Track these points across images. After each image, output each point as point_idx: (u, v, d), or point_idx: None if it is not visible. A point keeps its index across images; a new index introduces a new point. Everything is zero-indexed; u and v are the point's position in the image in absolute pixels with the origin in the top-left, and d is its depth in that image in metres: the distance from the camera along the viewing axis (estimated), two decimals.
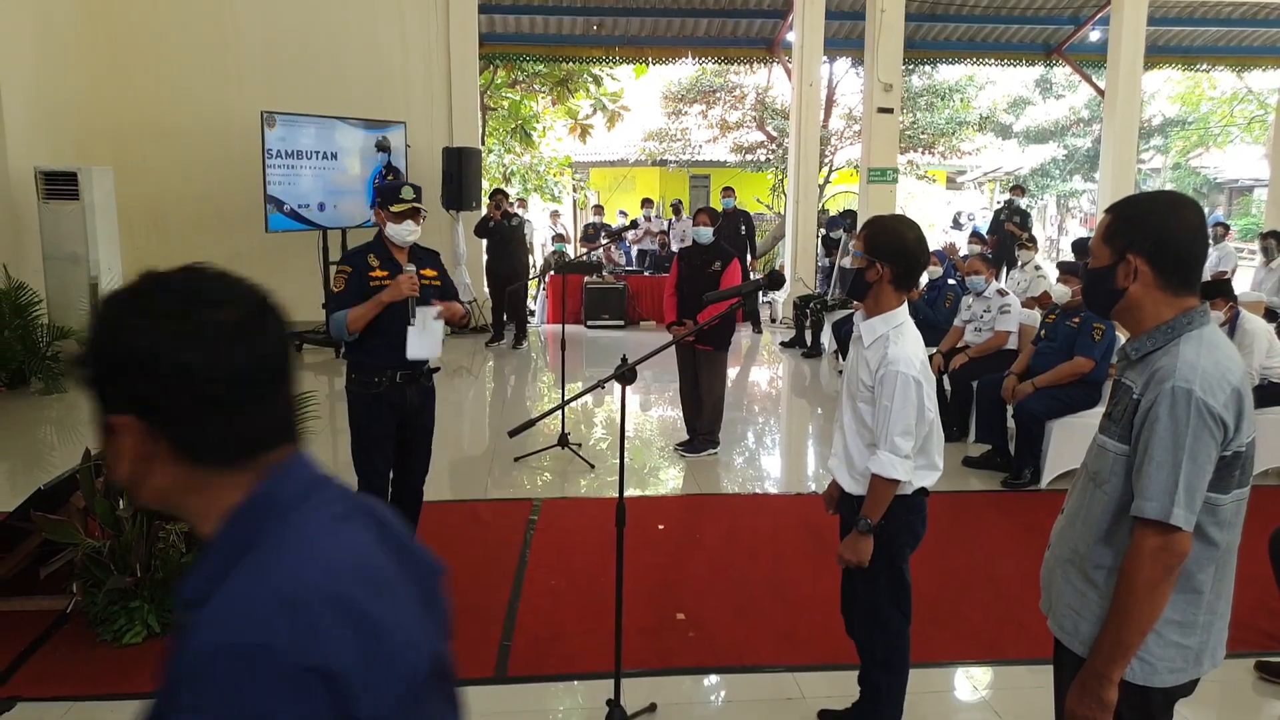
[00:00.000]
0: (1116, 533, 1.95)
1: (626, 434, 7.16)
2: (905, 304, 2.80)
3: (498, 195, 10.72)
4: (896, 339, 2.71)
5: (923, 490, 2.83)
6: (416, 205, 3.95)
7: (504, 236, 10.53)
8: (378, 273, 3.93)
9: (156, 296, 1.02)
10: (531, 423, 2.86)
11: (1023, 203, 13.66)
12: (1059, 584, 2.10)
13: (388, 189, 3.98)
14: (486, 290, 10.97)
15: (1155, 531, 1.83)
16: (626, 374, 2.83)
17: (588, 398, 8.15)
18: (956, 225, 14.81)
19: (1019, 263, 9.91)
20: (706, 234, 6.37)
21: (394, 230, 3.93)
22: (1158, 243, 1.91)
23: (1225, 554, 1.93)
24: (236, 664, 0.86)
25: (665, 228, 14.84)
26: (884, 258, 2.71)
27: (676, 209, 15.00)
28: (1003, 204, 15.00)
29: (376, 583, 0.99)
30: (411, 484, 4.24)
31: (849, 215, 12.23)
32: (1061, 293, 5.88)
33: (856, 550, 2.77)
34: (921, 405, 2.70)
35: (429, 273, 4.06)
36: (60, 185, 8.67)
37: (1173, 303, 1.92)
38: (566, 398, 3.15)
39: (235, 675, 0.86)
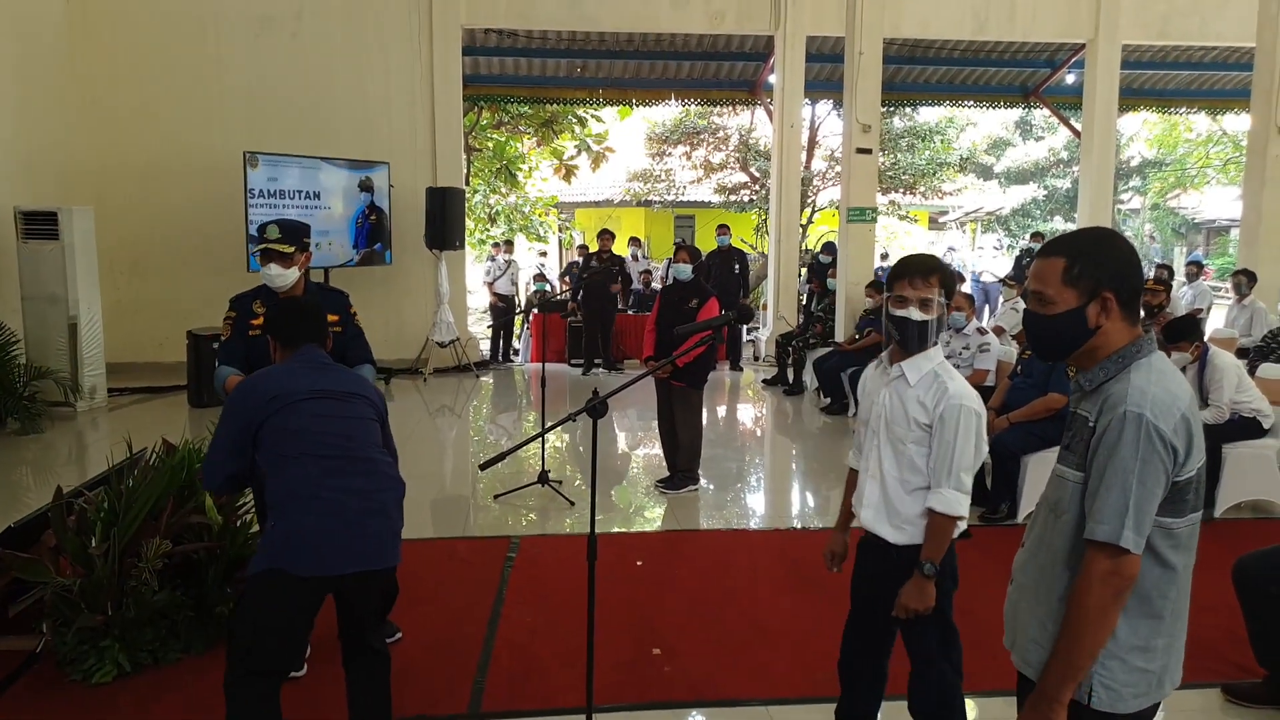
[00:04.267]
0: (1076, 560, 1.96)
1: (610, 471, 7.20)
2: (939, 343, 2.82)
3: (605, 236, 11.80)
4: (948, 374, 2.70)
5: (965, 533, 2.77)
6: (272, 247, 3.64)
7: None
8: (260, 320, 3.65)
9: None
10: (503, 456, 2.87)
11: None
12: (1023, 617, 2.11)
13: (259, 226, 3.75)
14: (471, 328, 10.99)
15: (1106, 555, 1.85)
16: (597, 408, 2.83)
17: (572, 437, 8.16)
18: None
19: None
20: (686, 271, 6.42)
21: (262, 273, 3.68)
22: (1121, 275, 1.95)
23: (1182, 577, 1.96)
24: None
25: (650, 267, 14.91)
26: (950, 296, 2.77)
27: (635, 243, 15.17)
28: (1022, 250, 15.19)
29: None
30: None
31: (832, 249, 12.32)
32: None
33: (923, 596, 2.67)
34: (981, 440, 2.69)
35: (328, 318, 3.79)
36: (40, 225, 8.68)
37: (1126, 332, 1.96)
38: (538, 434, 3.15)
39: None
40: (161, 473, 4.18)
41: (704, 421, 6.69)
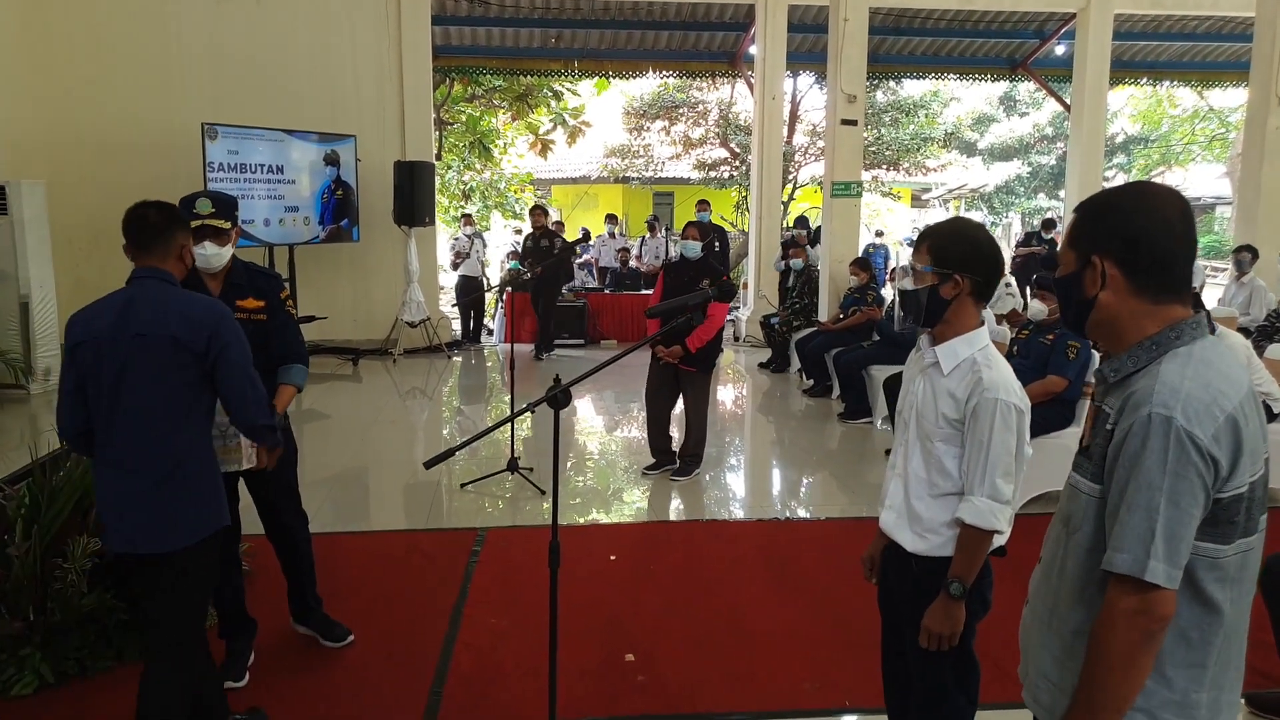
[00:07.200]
0: (1092, 589, 1.64)
1: (585, 457, 6.90)
2: (985, 323, 2.39)
3: (536, 212, 11.40)
4: (987, 363, 2.29)
5: (1000, 550, 2.38)
6: (211, 223, 3.28)
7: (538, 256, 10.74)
8: None
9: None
10: (450, 452, 2.53)
11: (1047, 236, 13.84)
12: (1035, 649, 1.79)
13: (183, 201, 3.27)
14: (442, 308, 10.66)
15: (1130, 589, 1.51)
16: (559, 397, 2.51)
17: (544, 421, 7.83)
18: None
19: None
20: (695, 249, 6.14)
21: (195, 253, 3.23)
22: (1127, 240, 1.62)
23: (1230, 617, 1.60)
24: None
25: (627, 245, 14.57)
26: (961, 267, 2.30)
27: (652, 226, 14.72)
28: (1028, 233, 15.06)
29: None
30: (276, 538, 3.79)
31: (804, 222, 12.00)
32: (1037, 309, 5.64)
33: (950, 620, 2.29)
34: (1023, 440, 2.28)
35: (250, 304, 3.39)
36: None
37: (1154, 313, 1.62)
38: (486, 429, 2.81)
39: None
40: (87, 464, 3.84)
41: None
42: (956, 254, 2.31)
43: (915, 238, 2.51)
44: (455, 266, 12.88)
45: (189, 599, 2.79)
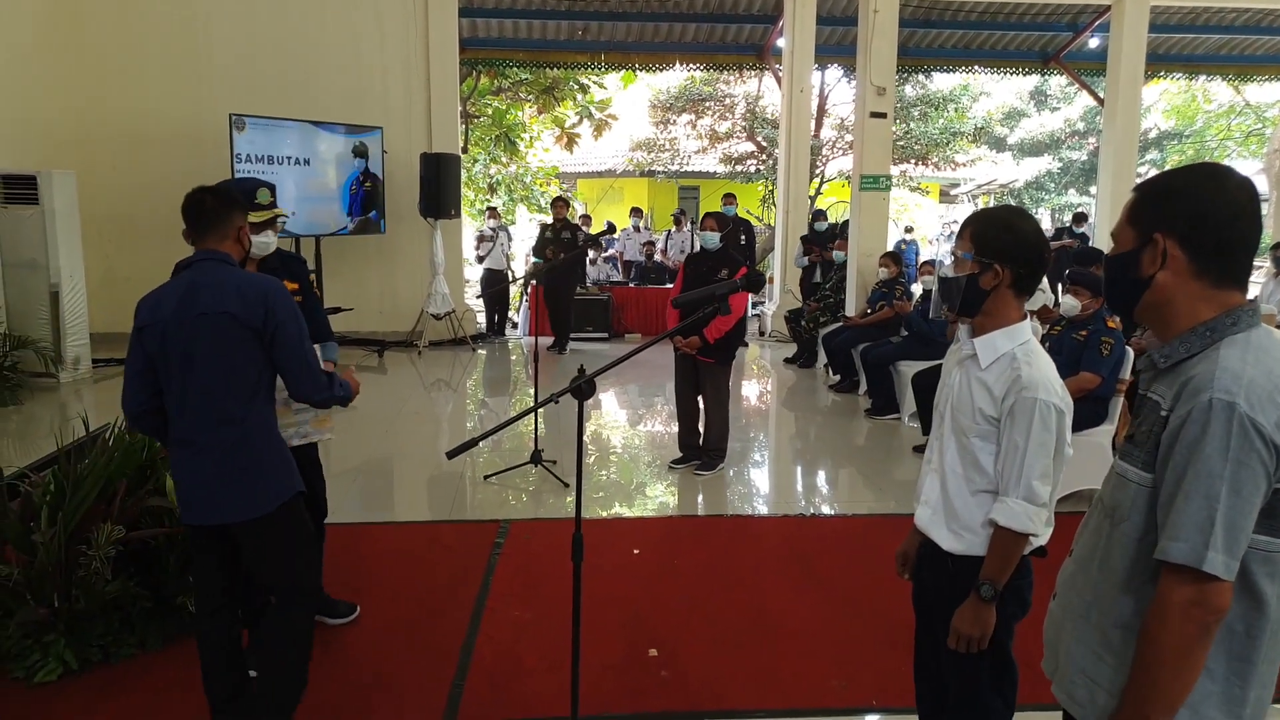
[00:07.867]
0: (1140, 581, 1.59)
1: (609, 450, 6.87)
2: (1028, 316, 2.31)
3: (558, 204, 11.33)
4: (1028, 358, 2.20)
5: (1040, 550, 2.31)
6: (275, 212, 3.41)
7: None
8: None
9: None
10: (474, 442, 2.50)
11: (1078, 230, 13.80)
12: (1068, 643, 1.74)
13: (242, 189, 3.31)
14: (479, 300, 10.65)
15: (1186, 580, 1.47)
16: (583, 387, 2.47)
17: (570, 413, 7.80)
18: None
19: None
20: (713, 240, 6.08)
21: (255, 240, 3.25)
22: (1193, 221, 1.56)
23: (1276, 614, 1.56)
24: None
25: (652, 238, 14.52)
26: (1003, 258, 2.22)
27: (678, 219, 14.64)
28: (1058, 229, 14.93)
29: None
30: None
31: (821, 215, 11.88)
32: (1070, 305, 5.53)
33: (979, 622, 2.23)
34: (1063, 441, 2.20)
35: (288, 286, 3.35)
36: (18, 189, 8.33)
37: (1213, 298, 1.57)
38: (513, 416, 2.80)
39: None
40: (111, 451, 3.84)
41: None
42: (999, 244, 2.23)
43: (943, 233, 2.46)
44: (480, 260, 12.86)
45: (290, 554, 2.97)
